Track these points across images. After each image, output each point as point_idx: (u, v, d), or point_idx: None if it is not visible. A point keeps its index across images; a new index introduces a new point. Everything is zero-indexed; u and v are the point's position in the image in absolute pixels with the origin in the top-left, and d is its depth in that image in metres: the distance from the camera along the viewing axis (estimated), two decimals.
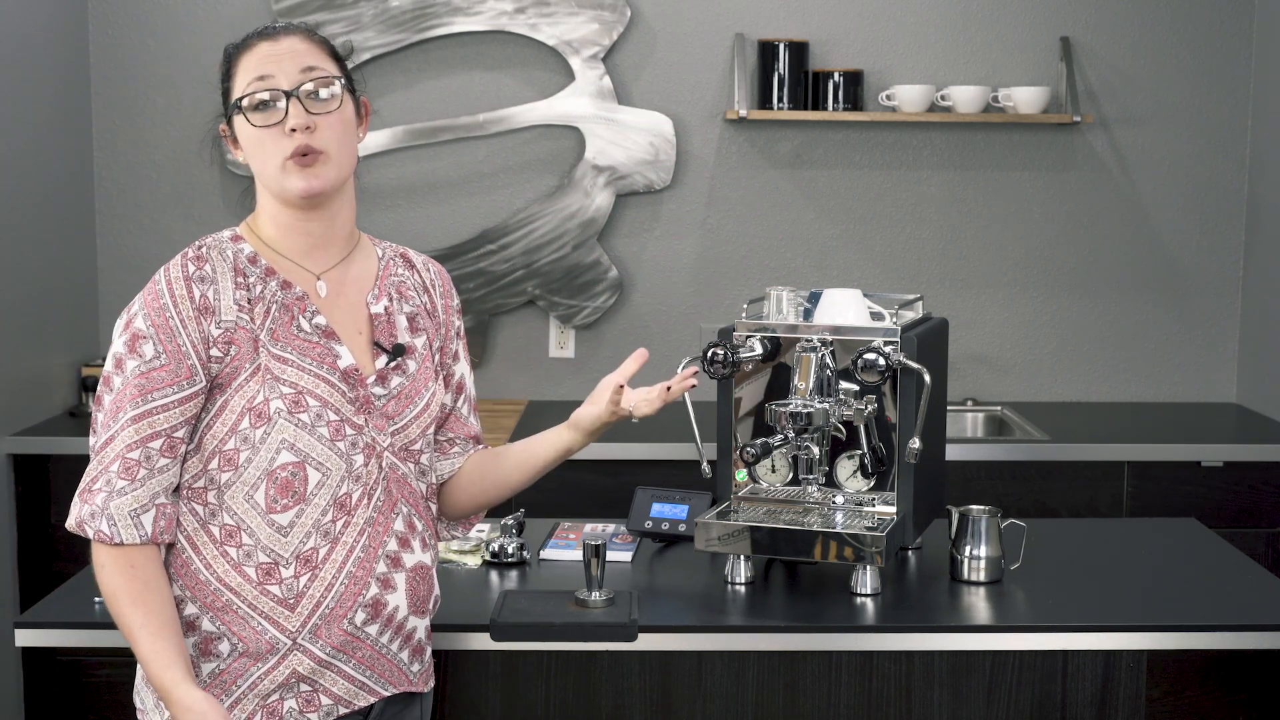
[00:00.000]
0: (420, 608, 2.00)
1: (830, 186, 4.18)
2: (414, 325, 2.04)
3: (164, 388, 1.85)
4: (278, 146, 1.89)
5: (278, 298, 1.92)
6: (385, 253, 2.07)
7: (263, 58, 1.90)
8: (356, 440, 1.92)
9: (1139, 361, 4.25)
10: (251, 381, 1.87)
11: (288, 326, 1.91)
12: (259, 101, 1.89)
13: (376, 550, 1.93)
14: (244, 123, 1.91)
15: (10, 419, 3.65)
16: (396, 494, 1.97)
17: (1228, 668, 2.35)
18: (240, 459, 1.88)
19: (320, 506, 1.90)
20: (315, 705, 1.92)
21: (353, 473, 1.92)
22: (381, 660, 1.96)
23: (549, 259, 4.12)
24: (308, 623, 1.89)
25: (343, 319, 1.97)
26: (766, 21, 4.12)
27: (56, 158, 3.92)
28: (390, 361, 1.98)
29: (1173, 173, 4.18)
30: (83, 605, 2.30)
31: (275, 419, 1.87)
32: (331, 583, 1.90)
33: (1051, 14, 4.13)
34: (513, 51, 4.12)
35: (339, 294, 1.98)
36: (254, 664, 1.89)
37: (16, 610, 3.61)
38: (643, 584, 2.45)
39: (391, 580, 1.94)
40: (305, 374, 1.90)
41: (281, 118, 1.88)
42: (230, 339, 1.87)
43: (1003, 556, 2.46)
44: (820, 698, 2.32)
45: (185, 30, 4.07)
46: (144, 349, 1.85)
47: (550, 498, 3.61)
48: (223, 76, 1.96)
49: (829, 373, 2.41)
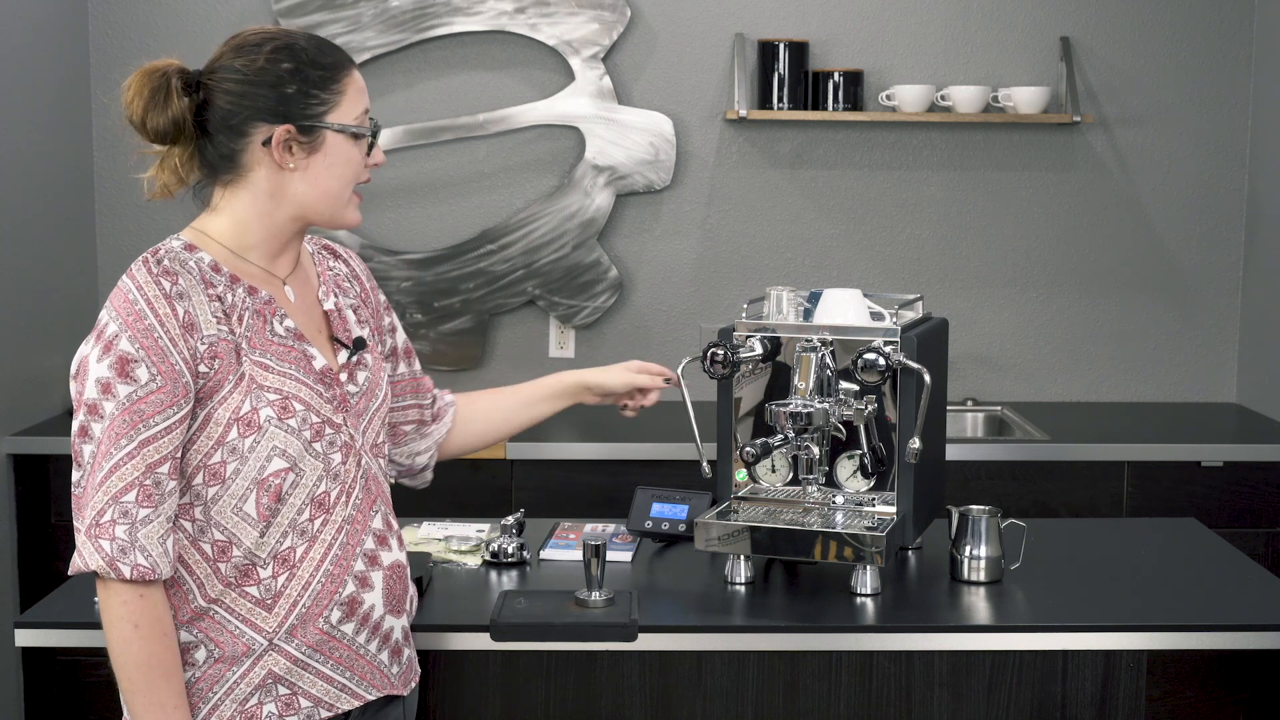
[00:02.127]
0: (396, 607, 1.99)
1: (830, 186, 4.18)
2: (360, 317, 2.07)
3: (164, 410, 1.79)
4: (356, 176, 1.96)
5: (248, 304, 1.89)
6: (312, 248, 2.09)
7: (364, 88, 1.97)
8: (335, 439, 1.92)
9: (1139, 361, 4.25)
10: (235, 392, 1.84)
11: (262, 332, 1.89)
12: (375, 130, 1.96)
13: (354, 548, 1.93)
14: (342, 144, 1.92)
15: (10, 419, 3.65)
16: (375, 491, 1.98)
17: (1228, 668, 2.35)
18: (227, 471, 1.84)
19: (296, 506, 1.88)
20: (295, 708, 1.90)
21: (330, 471, 1.91)
22: (360, 661, 1.94)
23: (549, 259, 4.12)
24: (285, 622, 1.88)
25: (304, 320, 1.97)
26: (766, 21, 4.12)
27: (56, 158, 3.92)
28: (352, 355, 1.99)
29: (1173, 173, 4.18)
30: (83, 605, 2.30)
31: (266, 427, 1.85)
32: (309, 581, 1.89)
33: (1051, 14, 4.13)
34: (513, 51, 4.12)
35: (298, 296, 1.98)
36: (229, 668, 1.87)
37: (16, 610, 3.61)
38: (643, 584, 2.44)
39: (369, 579, 1.94)
40: (287, 379, 1.89)
41: (369, 151, 1.96)
42: (214, 353, 1.83)
43: (1003, 556, 2.46)
44: (820, 698, 2.32)
45: (185, 30, 4.07)
46: (137, 373, 1.78)
47: (550, 498, 3.61)
48: (316, 82, 1.89)
49: (829, 373, 2.41)
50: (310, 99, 1.89)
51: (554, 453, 3.64)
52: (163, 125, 1.87)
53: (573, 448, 3.66)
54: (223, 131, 1.88)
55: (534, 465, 3.63)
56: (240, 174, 1.90)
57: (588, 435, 3.78)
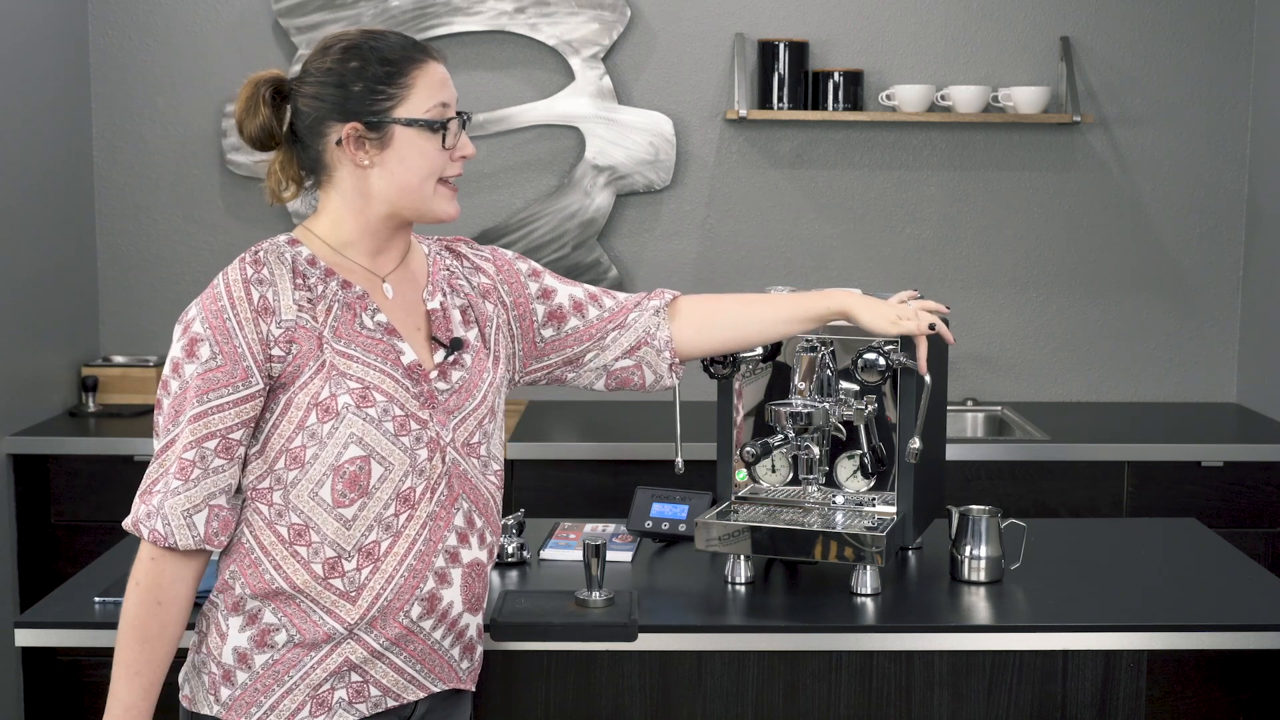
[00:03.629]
0: (474, 605, 2.01)
1: (830, 186, 4.18)
2: (466, 318, 2.07)
3: (220, 388, 1.86)
4: (442, 168, 1.97)
5: (339, 297, 1.93)
6: (431, 249, 2.11)
7: (443, 80, 1.98)
8: (421, 435, 1.94)
9: (1139, 361, 4.25)
10: (316, 378, 1.89)
11: (350, 324, 1.93)
12: (445, 122, 1.96)
13: (436, 545, 1.95)
14: (414, 137, 1.94)
15: (10, 419, 3.65)
16: (458, 489, 1.98)
17: (1228, 668, 2.35)
18: (307, 455, 1.89)
19: (382, 500, 1.91)
20: (365, 696, 1.93)
21: (416, 467, 1.93)
22: (433, 655, 1.97)
23: (549, 259, 4.12)
24: (366, 615, 1.91)
25: (402, 317, 1.99)
26: (766, 21, 4.12)
27: (56, 158, 3.92)
28: (449, 355, 2.00)
29: (1173, 173, 4.18)
30: (83, 605, 2.30)
31: (344, 414, 1.88)
32: (391, 575, 1.92)
33: (1051, 14, 4.13)
34: (513, 51, 4.12)
35: (398, 293, 2.01)
36: (308, 653, 1.91)
37: (16, 610, 3.61)
38: (643, 584, 2.45)
39: (448, 575, 1.96)
40: (370, 369, 1.92)
41: (455, 143, 1.98)
42: (291, 337, 1.88)
43: (1003, 556, 2.46)
44: (820, 698, 2.32)
45: (185, 30, 4.07)
46: (200, 351, 1.86)
47: (550, 498, 3.61)
48: (382, 78, 1.93)
49: (829, 373, 2.41)
50: (376, 95, 1.93)
51: (554, 453, 3.64)
52: (255, 133, 1.96)
53: (573, 448, 3.66)
54: (306, 135, 1.96)
55: (534, 465, 3.63)
56: (328, 175, 1.97)
57: (588, 435, 3.78)
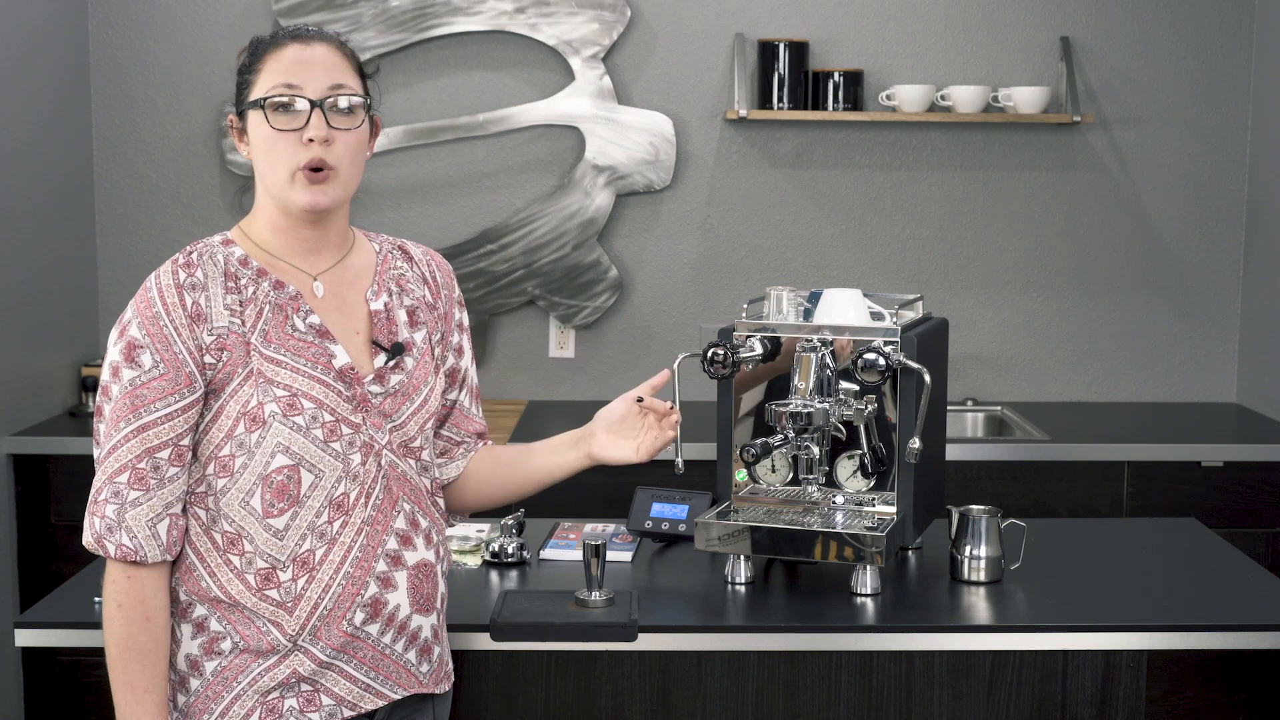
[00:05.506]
0: (425, 606, 1.98)
1: (830, 186, 4.18)
2: (413, 319, 2.03)
3: (165, 397, 1.84)
4: (292, 153, 1.89)
5: (270, 298, 1.90)
6: (382, 246, 2.07)
7: (293, 62, 1.90)
8: (354, 439, 1.91)
9: (1139, 361, 4.25)
10: (245, 386, 1.86)
11: (281, 327, 1.90)
12: (283, 104, 1.88)
13: (375, 549, 1.92)
14: (261, 121, 1.89)
15: (10, 419, 3.65)
16: (397, 491, 1.96)
17: (1228, 668, 2.34)
18: (235, 464, 1.87)
19: (314, 509, 1.89)
20: (316, 705, 1.91)
21: (350, 472, 1.91)
22: (385, 661, 1.95)
23: (549, 259, 4.12)
24: (306, 625, 1.89)
25: (339, 319, 1.96)
26: (766, 21, 4.12)
27: (56, 158, 3.92)
28: (389, 360, 1.97)
29: (1173, 173, 4.18)
30: (83, 605, 2.30)
31: (270, 422, 1.86)
32: (329, 584, 1.89)
33: (1051, 14, 4.13)
34: (513, 51, 4.12)
35: (336, 293, 1.97)
36: (255, 660, 1.89)
37: (16, 610, 3.61)
38: (643, 584, 2.44)
39: (392, 579, 1.94)
40: (299, 375, 1.89)
41: (302, 125, 1.88)
42: (222, 345, 1.86)
43: (1003, 556, 2.46)
44: (820, 698, 2.32)
45: (185, 30, 4.07)
46: (141, 358, 1.84)
47: (550, 498, 3.59)
48: (244, 67, 1.94)
49: (829, 373, 2.41)
50: (242, 85, 1.94)
51: None
52: None
53: None
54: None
55: None
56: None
57: None
